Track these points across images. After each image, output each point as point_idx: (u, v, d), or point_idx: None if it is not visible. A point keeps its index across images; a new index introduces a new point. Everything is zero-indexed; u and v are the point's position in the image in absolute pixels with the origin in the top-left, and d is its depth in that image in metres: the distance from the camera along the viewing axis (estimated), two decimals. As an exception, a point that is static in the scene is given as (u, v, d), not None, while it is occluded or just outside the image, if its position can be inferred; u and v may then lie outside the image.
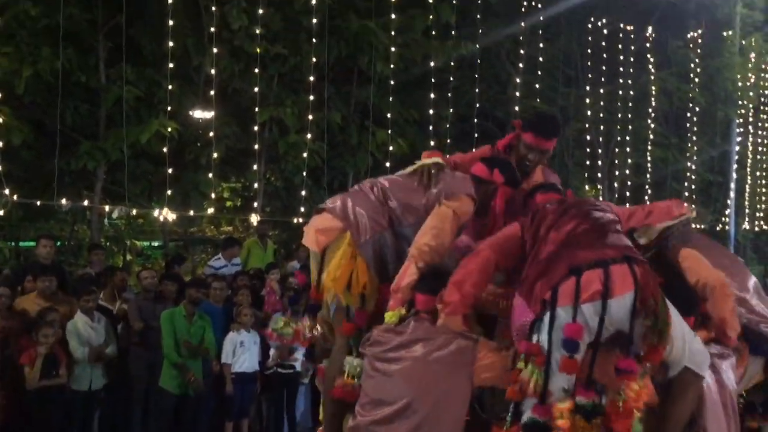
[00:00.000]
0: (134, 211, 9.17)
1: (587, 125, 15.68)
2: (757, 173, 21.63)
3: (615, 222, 3.53)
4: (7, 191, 7.97)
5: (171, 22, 9.13)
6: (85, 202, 9.17)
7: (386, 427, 3.23)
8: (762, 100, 21.14)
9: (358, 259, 3.60)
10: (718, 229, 19.39)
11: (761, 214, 21.82)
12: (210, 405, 7.36)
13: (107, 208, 8.94)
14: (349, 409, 3.55)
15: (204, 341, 7.17)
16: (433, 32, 12.00)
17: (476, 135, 12.77)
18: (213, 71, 9.69)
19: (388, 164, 10.94)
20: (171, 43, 9.14)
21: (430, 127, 11.98)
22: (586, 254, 3.24)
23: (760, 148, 21.55)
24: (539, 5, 13.91)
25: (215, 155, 9.61)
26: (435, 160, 3.90)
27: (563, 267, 3.22)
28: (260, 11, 9.88)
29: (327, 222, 3.75)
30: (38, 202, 8.78)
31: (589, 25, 15.34)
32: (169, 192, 9.10)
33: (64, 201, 8.52)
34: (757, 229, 21.78)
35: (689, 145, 18.04)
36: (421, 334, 3.34)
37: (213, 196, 10.06)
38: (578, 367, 3.08)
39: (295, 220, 10.53)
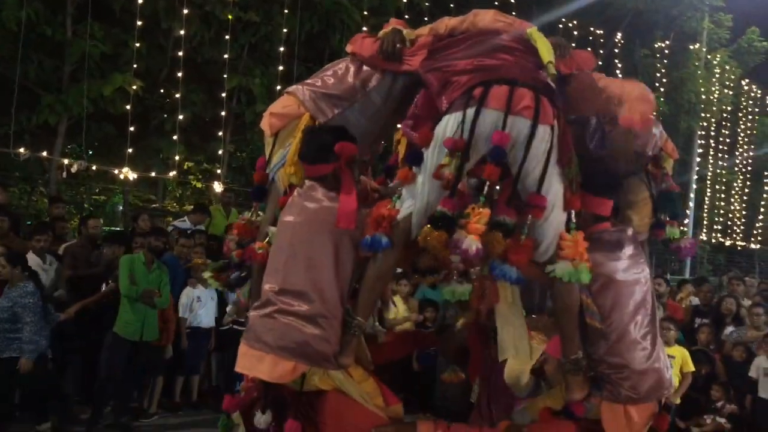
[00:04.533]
0: (94, 167, 8.96)
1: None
2: (716, 187, 22.09)
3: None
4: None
5: (142, -20, 9.07)
6: (44, 153, 8.97)
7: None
8: (724, 115, 21.66)
9: None
10: (676, 239, 19.64)
11: (719, 227, 22.27)
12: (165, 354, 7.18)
13: (66, 161, 8.75)
14: None
15: (160, 290, 7.02)
16: (406, 16, 12.06)
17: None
18: (182, 32, 9.58)
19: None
20: (140, 0, 9.04)
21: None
22: (519, 73, 3.05)
23: (720, 163, 22.04)
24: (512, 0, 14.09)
25: (180, 117, 9.49)
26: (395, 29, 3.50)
27: (497, 73, 3.03)
28: (234, -22, 9.88)
29: (283, 106, 3.55)
30: (-6, 148, 8.58)
31: (560, 26, 15.56)
32: (130, 150, 8.93)
33: (22, 150, 8.33)
34: (714, 241, 22.16)
35: (652, 153, 18.29)
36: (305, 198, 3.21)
37: (177, 158, 9.90)
38: (498, 176, 2.87)
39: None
